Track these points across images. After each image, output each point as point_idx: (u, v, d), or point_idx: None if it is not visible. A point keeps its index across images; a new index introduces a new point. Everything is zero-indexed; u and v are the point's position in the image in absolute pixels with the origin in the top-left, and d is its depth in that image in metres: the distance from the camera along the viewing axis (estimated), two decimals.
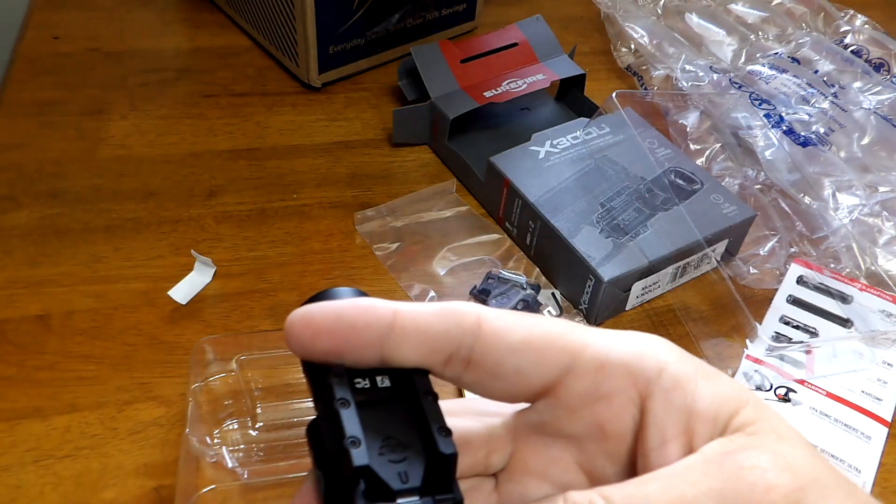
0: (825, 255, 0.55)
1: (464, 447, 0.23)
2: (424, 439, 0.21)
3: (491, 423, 0.24)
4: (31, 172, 0.55)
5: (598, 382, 0.22)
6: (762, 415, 0.21)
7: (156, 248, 0.51)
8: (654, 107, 0.65)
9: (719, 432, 0.21)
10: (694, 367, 0.22)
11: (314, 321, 0.21)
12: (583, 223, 0.50)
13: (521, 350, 0.22)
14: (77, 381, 0.43)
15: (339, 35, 0.64)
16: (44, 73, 0.64)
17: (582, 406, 0.22)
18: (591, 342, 0.22)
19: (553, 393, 0.22)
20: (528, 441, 0.24)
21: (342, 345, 0.21)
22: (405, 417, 0.22)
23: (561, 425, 0.23)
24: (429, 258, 0.52)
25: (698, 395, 0.21)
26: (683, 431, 0.21)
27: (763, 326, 0.50)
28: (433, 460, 0.21)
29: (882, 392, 0.47)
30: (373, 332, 0.21)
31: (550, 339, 0.22)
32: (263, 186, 0.57)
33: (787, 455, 0.20)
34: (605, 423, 0.22)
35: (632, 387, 0.22)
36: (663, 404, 0.21)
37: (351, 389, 0.21)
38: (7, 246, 0.50)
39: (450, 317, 0.21)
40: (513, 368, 0.22)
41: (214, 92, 0.65)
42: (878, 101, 0.67)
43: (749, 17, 0.76)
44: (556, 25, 0.67)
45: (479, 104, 0.58)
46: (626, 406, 0.22)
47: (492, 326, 0.22)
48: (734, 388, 0.22)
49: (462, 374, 0.22)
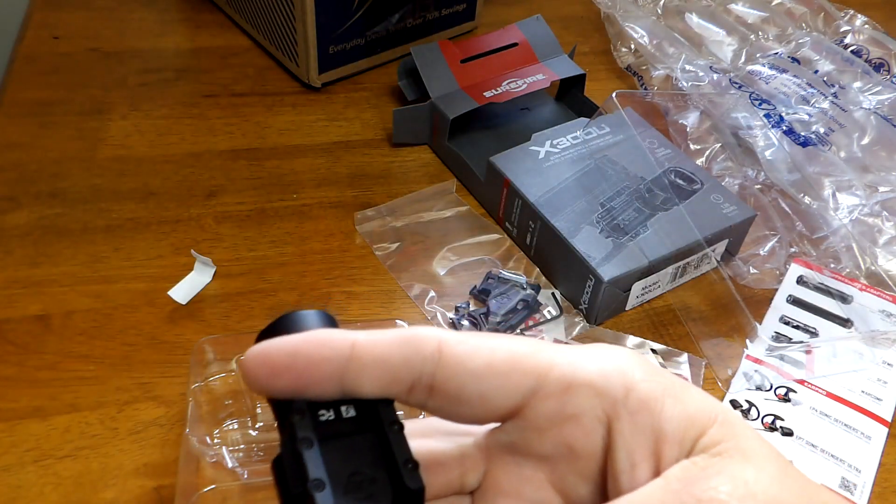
0: (825, 255, 0.55)
1: (437, 468, 0.23)
2: (391, 473, 0.21)
3: (463, 442, 0.24)
4: (31, 172, 0.55)
5: (564, 403, 0.22)
6: (730, 433, 0.21)
7: (156, 248, 0.51)
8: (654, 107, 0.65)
9: (686, 454, 0.21)
10: (662, 386, 0.22)
11: (270, 359, 0.21)
12: (583, 223, 0.50)
13: (483, 375, 0.21)
14: (77, 381, 0.43)
15: (339, 35, 0.64)
16: (44, 73, 0.64)
17: (550, 427, 0.22)
18: (557, 362, 0.22)
19: (521, 414, 0.22)
20: (501, 461, 0.24)
21: (300, 381, 0.21)
22: (371, 450, 0.21)
23: (531, 446, 0.23)
24: (429, 258, 0.52)
25: (665, 416, 0.21)
26: (651, 454, 0.21)
27: (763, 326, 0.50)
28: (400, 494, 0.20)
29: (882, 392, 0.47)
30: (331, 365, 0.21)
31: (514, 361, 0.22)
32: (263, 186, 0.57)
33: (750, 480, 0.20)
34: (575, 443, 0.22)
35: (599, 407, 0.22)
36: (630, 426, 0.21)
37: (314, 425, 0.21)
38: (7, 246, 0.50)
39: (409, 345, 0.21)
40: (476, 394, 0.21)
41: (214, 92, 0.65)
42: (878, 101, 0.67)
43: (749, 17, 0.76)
44: (556, 25, 0.67)
45: (479, 104, 0.58)
46: (595, 426, 0.22)
47: (453, 352, 0.21)
48: (703, 405, 0.21)
49: (426, 401, 0.22)
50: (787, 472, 0.21)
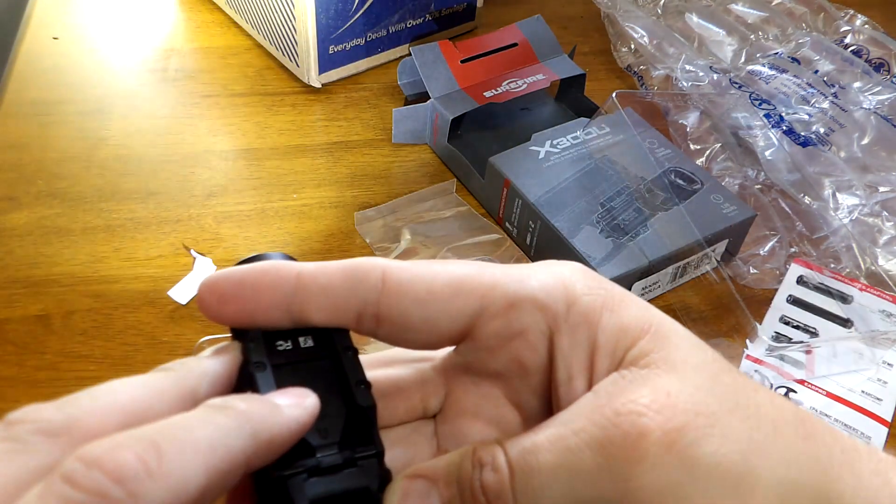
0: (825, 255, 0.55)
1: (398, 394, 0.24)
2: (344, 394, 0.21)
3: (422, 368, 0.25)
4: (31, 172, 0.55)
5: (510, 320, 0.22)
6: (660, 344, 0.21)
7: (156, 248, 0.51)
8: (654, 107, 0.65)
9: (616, 365, 0.21)
10: (602, 299, 0.22)
11: (219, 287, 0.21)
12: (583, 223, 0.50)
13: (426, 300, 0.22)
14: (77, 381, 0.43)
15: (339, 35, 0.64)
16: (44, 73, 0.64)
17: (499, 345, 0.22)
18: (501, 281, 0.22)
19: (471, 335, 0.23)
20: (459, 382, 0.24)
21: (248, 309, 0.21)
22: (327, 375, 0.22)
23: (484, 365, 0.23)
24: (429, 258, 0.52)
25: (600, 328, 0.21)
26: (587, 367, 0.21)
27: (763, 326, 0.50)
28: (352, 414, 0.21)
29: (882, 392, 0.47)
30: (276, 294, 0.21)
31: (456, 284, 0.22)
32: (263, 186, 0.57)
33: (672, 390, 0.20)
34: (524, 358, 0.22)
35: (543, 321, 0.22)
36: (569, 339, 0.22)
37: (268, 352, 0.21)
38: (7, 246, 0.50)
39: (353, 274, 0.22)
40: (421, 319, 0.22)
41: (214, 92, 0.65)
42: (878, 101, 0.67)
43: (749, 17, 0.76)
44: (556, 25, 0.67)
45: (479, 104, 0.58)
46: (540, 340, 0.22)
47: (396, 280, 0.22)
48: (639, 316, 0.22)
49: (376, 329, 0.22)
50: (716, 378, 0.21)
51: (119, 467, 0.16)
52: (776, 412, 0.21)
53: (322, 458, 0.20)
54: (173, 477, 0.16)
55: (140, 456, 0.16)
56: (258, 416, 0.19)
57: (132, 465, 0.16)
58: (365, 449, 0.21)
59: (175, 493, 0.16)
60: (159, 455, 0.16)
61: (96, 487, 0.16)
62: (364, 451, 0.21)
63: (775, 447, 0.20)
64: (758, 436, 0.20)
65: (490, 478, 0.20)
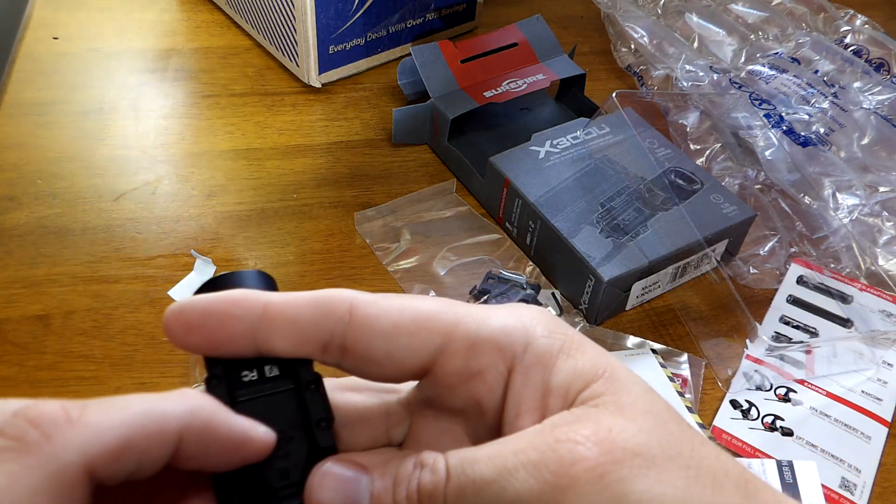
0: (825, 255, 0.55)
1: (362, 423, 0.24)
2: (308, 432, 0.22)
3: (388, 399, 0.25)
4: (31, 172, 0.55)
5: (469, 360, 0.22)
6: (612, 388, 0.21)
7: (156, 248, 0.51)
8: (654, 107, 0.65)
9: (568, 405, 0.21)
10: (560, 343, 0.22)
11: (185, 316, 0.21)
12: (583, 223, 0.50)
13: (391, 335, 0.22)
14: (77, 381, 0.43)
15: (339, 35, 0.64)
16: (44, 73, 0.64)
17: (458, 383, 0.23)
18: (464, 321, 0.23)
19: (432, 372, 0.23)
20: (422, 415, 0.25)
21: (214, 339, 0.21)
22: (291, 409, 0.22)
23: (444, 401, 0.24)
24: (429, 258, 0.52)
25: (555, 370, 0.22)
26: (538, 406, 0.22)
27: (763, 326, 0.50)
28: (314, 454, 0.21)
29: (882, 392, 0.47)
30: (242, 324, 0.21)
31: (421, 321, 0.22)
32: (263, 186, 0.57)
33: (615, 428, 0.20)
34: (481, 398, 0.23)
35: (501, 363, 0.22)
36: (522, 379, 0.22)
37: (230, 387, 0.21)
38: (7, 246, 0.50)
39: (321, 306, 0.22)
40: (384, 353, 0.22)
41: (214, 92, 0.65)
42: (878, 101, 0.67)
43: (749, 17, 0.76)
44: (556, 25, 0.67)
45: (479, 104, 0.58)
46: (497, 381, 0.22)
47: (363, 314, 0.22)
48: (594, 361, 0.22)
49: (341, 360, 0.22)
50: (663, 426, 0.21)
51: (40, 415, 0.18)
52: (720, 467, 0.21)
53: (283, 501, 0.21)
54: (91, 425, 0.18)
55: (64, 406, 0.18)
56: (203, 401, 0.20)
57: (52, 414, 0.18)
58: None
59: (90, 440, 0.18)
60: (83, 407, 0.18)
61: (16, 432, 0.18)
62: None
63: (714, 500, 0.20)
64: (696, 486, 0.20)
65: (427, 478, 0.21)
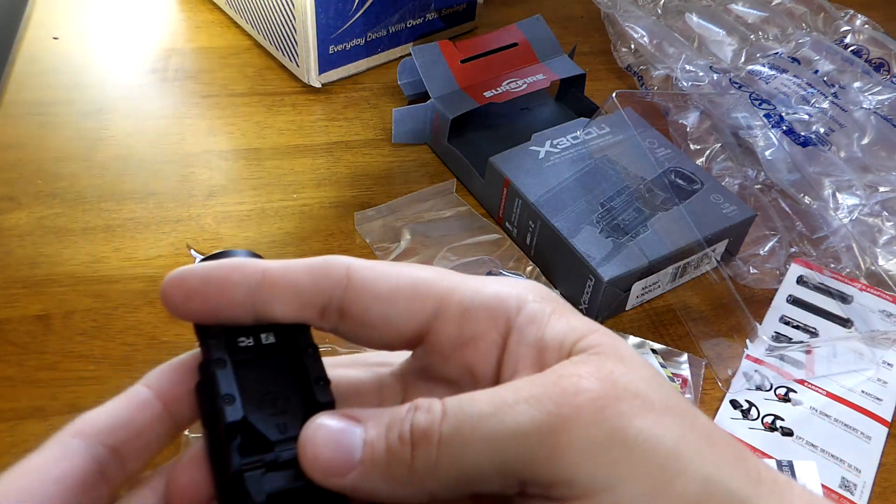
0: (825, 255, 0.55)
1: (356, 396, 0.24)
2: (304, 391, 0.22)
3: (381, 372, 0.25)
4: (31, 172, 0.55)
5: (463, 327, 0.23)
6: (609, 340, 0.22)
7: (156, 248, 0.51)
8: (654, 107, 0.65)
9: (565, 356, 0.22)
10: (551, 307, 0.23)
11: (184, 283, 0.21)
12: (583, 223, 0.50)
13: (388, 299, 0.22)
14: (77, 381, 0.43)
15: (339, 35, 0.64)
16: (44, 73, 0.64)
17: (452, 351, 0.23)
18: (458, 288, 0.23)
19: (426, 340, 0.23)
20: (416, 386, 0.25)
21: (213, 305, 0.21)
22: (287, 371, 0.22)
23: (438, 370, 0.24)
24: (429, 258, 0.52)
25: (549, 328, 0.22)
26: (534, 363, 0.22)
27: (763, 326, 0.50)
28: (312, 410, 0.21)
29: (882, 392, 0.47)
30: (242, 290, 0.21)
31: (417, 286, 0.23)
32: (263, 186, 0.57)
33: (616, 371, 0.20)
34: (474, 366, 0.23)
35: (494, 329, 0.22)
36: (517, 338, 0.22)
37: (229, 349, 0.22)
38: (7, 246, 0.50)
39: (319, 270, 0.22)
40: (381, 317, 0.22)
41: (214, 92, 0.65)
42: (878, 101, 0.67)
43: (749, 17, 0.76)
44: (556, 25, 0.67)
45: (479, 104, 0.58)
46: (491, 348, 0.23)
47: (360, 277, 0.22)
48: (587, 323, 0.22)
49: (338, 324, 0.23)
50: (659, 380, 0.21)
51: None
52: (712, 427, 0.21)
53: (280, 453, 0.21)
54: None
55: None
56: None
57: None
58: None
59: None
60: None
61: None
62: None
63: (708, 450, 0.20)
64: (691, 435, 0.20)
65: (421, 417, 0.20)
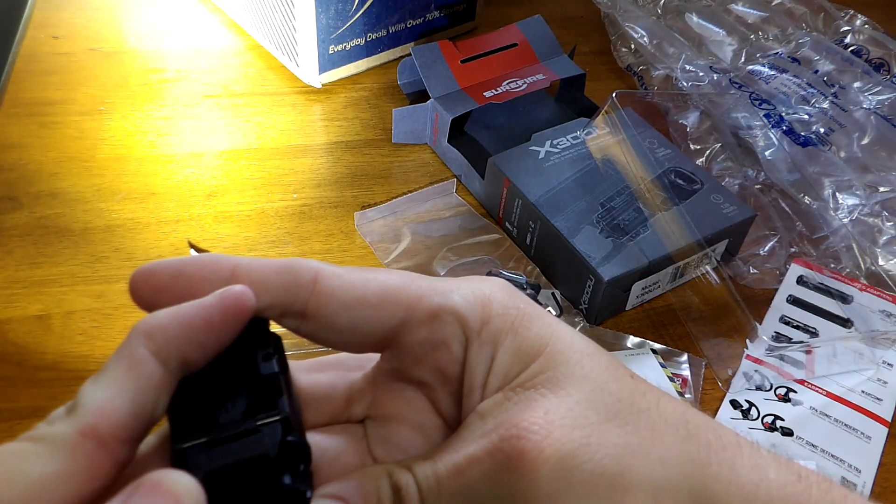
0: (825, 255, 0.55)
1: (323, 400, 0.25)
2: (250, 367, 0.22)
3: (351, 376, 0.26)
4: (31, 172, 0.55)
5: (433, 331, 0.23)
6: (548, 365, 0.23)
7: (156, 248, 0.51)
8: (654, 107, 0.65)
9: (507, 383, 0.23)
10: (511, 320, 0.23)
11: (154, 277, 0.22)
12: (583, 223, 0.50)
13: (354, 307, 0.23)
14: (77, 381, 0.43)
15: (339, 35, 0.64)
16: (44, 73, 0.64)
17: (423, 354, 0.24)
18: (427, 294, 0.23)
19: (396, 343, 0.24)
20: (387, 388, 0.26)
21: (181, 300, 0.21)
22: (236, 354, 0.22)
23: (409, 372, 0.25)
24: (429, 258, 0.52)
25: (501, 349, 0.23)
26: (483, 384, 0.23)
27: (763, 326, 0.50)
28: (256, 384, 0.22)
29: (882, 392, 0.47)
30: (211, 287, 0.22)
31: (385, 294, 0.23)
32: (263, 186, 0.57)
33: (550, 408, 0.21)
34: (444, 368, 0.24)
35: (461, 333, 0.23)
36: (476, 355, 0.23)
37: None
38: (7, 246, 0.50)
39: (286, 272, 0.22)
40: (347, 323, 0.23)
41: (214, 92, 0.65)
42: (878, 101, 0.67)
43: (749, 17, 0.76)
44: (556, 25, 0.67)
45: (479, 104, 0.58)
46: (460, 351, 0.23)
47: (328, 285, 0.23)
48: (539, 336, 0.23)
49: (300, 325, 0.23)
50: (602, 389, 0.22)
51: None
52: (658, 416, 0.22)
53: (224, 428, 0.21)
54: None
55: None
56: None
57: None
58: (268, 415, 0.21)
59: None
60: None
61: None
62: (267, 418, 0.21)
63: (652, 449, 0.22)
64: (633, 440, 0.22)
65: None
